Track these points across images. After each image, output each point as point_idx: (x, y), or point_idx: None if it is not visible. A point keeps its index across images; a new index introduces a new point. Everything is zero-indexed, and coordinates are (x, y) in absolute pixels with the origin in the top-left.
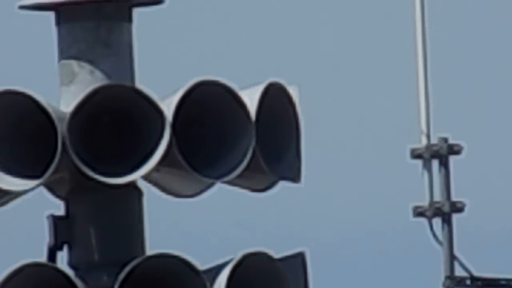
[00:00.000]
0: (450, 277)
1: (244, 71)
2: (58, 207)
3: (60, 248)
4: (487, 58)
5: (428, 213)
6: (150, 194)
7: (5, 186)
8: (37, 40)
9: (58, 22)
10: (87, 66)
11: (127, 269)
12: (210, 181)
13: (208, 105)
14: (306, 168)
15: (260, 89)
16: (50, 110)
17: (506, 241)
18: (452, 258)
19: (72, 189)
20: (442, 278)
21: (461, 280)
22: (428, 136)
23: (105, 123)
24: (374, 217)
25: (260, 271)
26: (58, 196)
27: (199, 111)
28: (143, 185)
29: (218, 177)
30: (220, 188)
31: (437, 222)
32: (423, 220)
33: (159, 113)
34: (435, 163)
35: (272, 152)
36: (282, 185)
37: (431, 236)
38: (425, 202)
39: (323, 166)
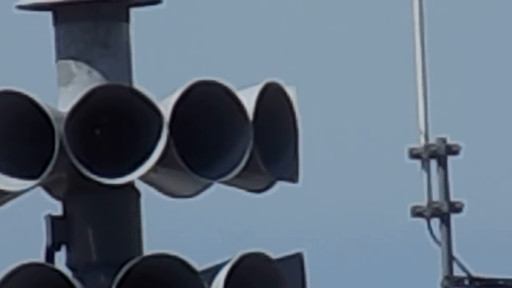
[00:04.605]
0: (449, 277)
1: (242, 71)
2: (56, 208)
3: (58, 249)
4: (486, 58)
5: (427, 213)
6: (148, 195)
7: (3, 186)
8: (34, 40)
9: (56, 22)
10: (85, 67)
11: (124, 269)
12: (207, 181)
13: (206, 105)
14: (304, 168)
15: (258, 89)
16: (47, 110)
17: (504, 241)
18: (450, 258)
19: (69, 189)
20: (441, 278)
21: (460, 280)
22: (426, 136)
23: (103, 123)
24: (373, 217)
25: (258, 271)
26: (55, 196)
27: (197, 112)
28: (140, 185)
29: (216, 178)
30: (218, 189)
31: (435, 222)
32: (422, 220)
33: (157, 113)
34: (433, 163)
35: (270, 152)
36: (280, 185)
37: (429, 236)
38: (423, 202)
39: (321, 166)
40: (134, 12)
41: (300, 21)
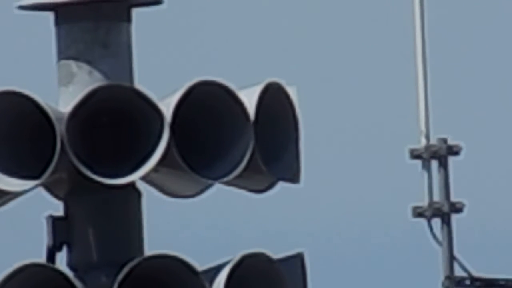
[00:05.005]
0: (450, 277)
1: (243, 71)
2: (57, 208)
3: (59, 249)
4: (486, 58)
5: (428, 214)
6: (149, 195)
7: (4, 187)
8: (35, 41)
9: (57, 23)
10: (86, 67)
11: (125, 269)
12: (208, 181)
13: (207, 105)
14: (305, 169)
15: (259, 89)
16: (48, 110)
17: (505, 241)
18: (451, 258)
19: (71, 189)
20: (442, 278)
21: (461, 280)
22: (427, 137)
23: (104, 123)
24: (374, 217)
25: (258, 271)
26: (57, 196)
27: (198, 112)
28: (141, 185)
29: (217, 178)
30: (218, 189)
31: (436, 222)
32: (423, 221)
33: (158, 113)
34: (434, 164)
35: (271, 153)
36: (281, 185)
37: (430, 237)
38: (424, 203)
39: (322, 166)
40: (135, 12)
41: (301, 21)
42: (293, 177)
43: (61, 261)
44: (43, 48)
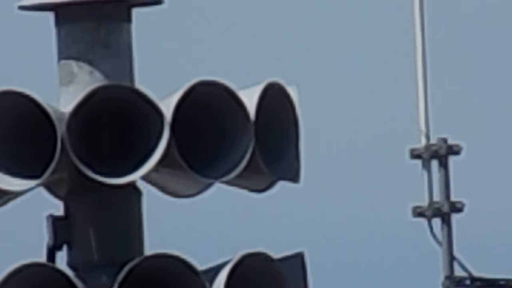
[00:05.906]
0: (450, 277)
1: (244, 71)
2: (58, 207)
3: (60, 249)
4: (486, 58)
5: (428, 213)
6: (150, 194)
7: (5, 186)
8: (36, 41)
9: (58, 23)
10: (86, 67)
11: (126, 269)
12: (209, 181)
13: (207, 105)
14: (305, 169)
15: (259, 89)
16: (49, 110)
17: (505, 241)
18: (451, 258)
19: (71, 189)
20: (442, 278)
21: (461, 280)
22: (427, 137)
23: (104, 123)
24: (374, 217)
25: (259, 271)
26: (57, 196)
27: (198, 111)
28: (142, 185)
29: (217, 177)
30: (219, 188)
31: (436, 222)
32: (423, 220)
33: (159, 113)
34: (434, 163)
35: (271, 152)
36: (281, 185)
37: (430, 236)
38: (424, 202)
39: (322, 166)
40: (135, 12)
41: (301, 21)
42: (293, 177)
43: (62, 260)
44: (43, 48)
